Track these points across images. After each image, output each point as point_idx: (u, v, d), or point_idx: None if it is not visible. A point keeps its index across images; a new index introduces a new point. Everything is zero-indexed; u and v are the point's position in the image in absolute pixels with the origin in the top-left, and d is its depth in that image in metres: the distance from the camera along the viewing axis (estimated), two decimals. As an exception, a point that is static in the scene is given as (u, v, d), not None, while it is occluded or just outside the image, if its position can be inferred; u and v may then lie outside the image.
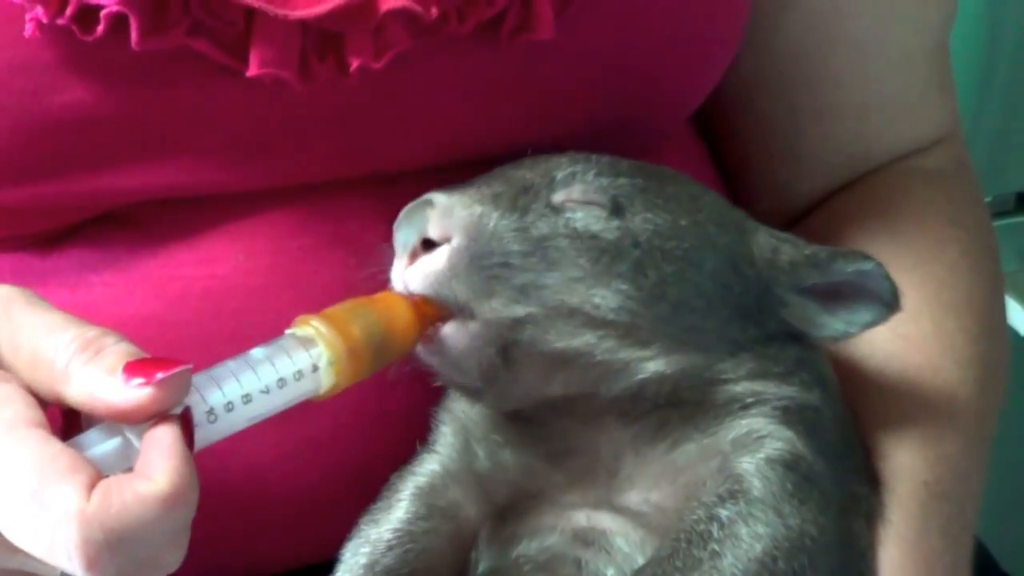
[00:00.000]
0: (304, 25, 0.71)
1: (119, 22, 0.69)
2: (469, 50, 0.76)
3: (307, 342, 0.66)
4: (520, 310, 0.69)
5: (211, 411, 0.62)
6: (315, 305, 0.69)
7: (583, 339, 0.69)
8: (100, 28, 0.69)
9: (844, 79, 0.93)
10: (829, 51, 0.92)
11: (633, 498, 0.73)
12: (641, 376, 0.71)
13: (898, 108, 0.95)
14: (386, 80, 0.74)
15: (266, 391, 0.64)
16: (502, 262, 0.69)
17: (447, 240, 0.70)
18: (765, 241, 0.75)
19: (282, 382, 0.64)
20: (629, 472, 0.73)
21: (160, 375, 0.59)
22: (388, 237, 0.74)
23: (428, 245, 0.70)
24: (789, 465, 0.71)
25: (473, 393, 0.74)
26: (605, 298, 0.69)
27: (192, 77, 0.73)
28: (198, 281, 0.77)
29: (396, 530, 0.75)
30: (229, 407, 0.62)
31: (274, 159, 0.77)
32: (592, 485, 0.74)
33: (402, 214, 0.72)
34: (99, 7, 0.69)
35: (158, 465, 0.59)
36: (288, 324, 0.67)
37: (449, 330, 0.69)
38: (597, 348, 0.70)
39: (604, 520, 0.74)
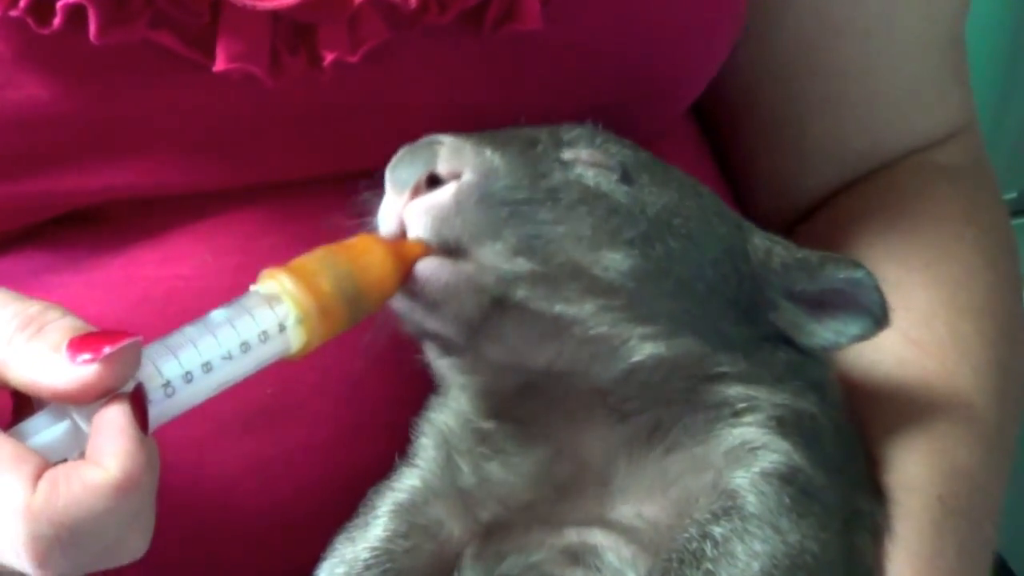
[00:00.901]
0: (274, 16, 0.71)
1: (77, 14, 0.69)
2: (451, 41, 0.75)
3: (272, 299, 0.64)
4: (522, 264, 0.68)
5: (167, 384, 0.60)
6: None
7: (584, 306, 0.69)
8: (57, 20, 0.69)
9: (851, 69, 0.92)
10: (835, 39, 0.91)
11: (625, 512, 0.73)
12: (637, 357, 0.70)
13: (909, 99, 0.94)
14: (362, 74, 0.73)
15: (228, 357, 0.62)
16: (514, 203, 0.68)
17: (456, 177, 0.69)
18: (759, 241, 0.75)
19: (245, 346, 0.62)
20: (621, 482, 0.73)
21: (108, 349, 0.58)
22: None
23: (432, 183, 0.69)
24: (786, 478, 0.71)
25: (448, 348, 0.72)
26: (614, 260, 0.69)
27: (156, 73, 0.72)
28: (162, 282, 0.77)
29: (374, 549, 0.75)
30: (188, 378, 0.61)
31: (244, 158, 0.76)
32: (582, 498, 0.73)
33: (402, 152, 0.71)
34: (55, -2, 0.69)
35: (108, 450, 0.58)
36: None
37: (432, 263, 0.68)
38: (596, 318, 0.69)
39: (595, 536, 0.73)
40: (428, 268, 0.68)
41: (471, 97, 0.78)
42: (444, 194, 0.68)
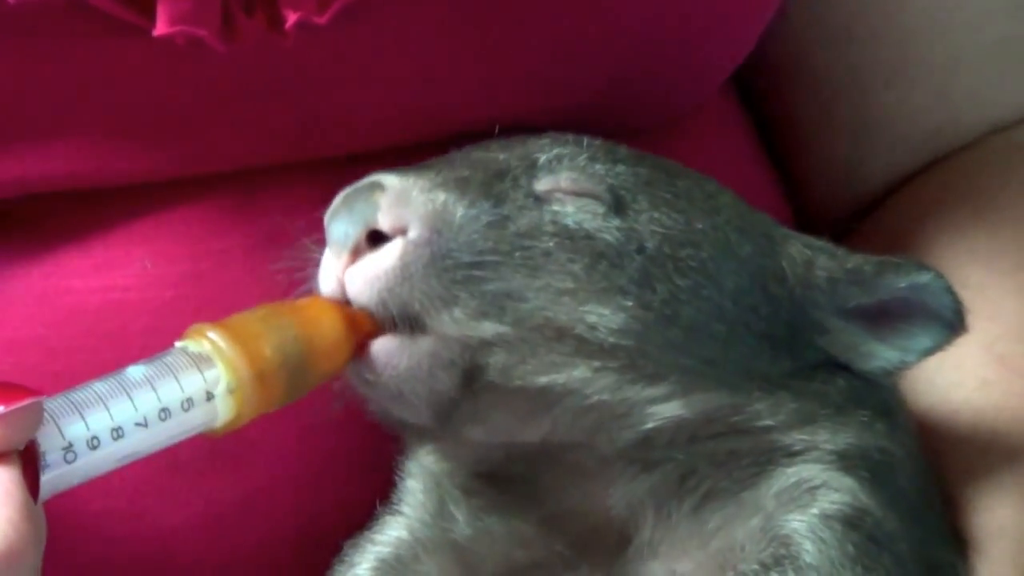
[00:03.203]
0: None
1: None
2: None
3: (201, 360, 0.64)
4: (490, 327, 0.67)
5: (69, 447, 0.60)
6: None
7: (573, 372, 0.68)
8: None
9: (923, 29, 0.92)
10: None
11: (655, 570, 0.72)
12: (651, 423, 0.69)
13: (992, 65, 0.93)
14: (331, 38, 0.73)
15: (143, 424, 0.62)
16: (472, 262, 0.67)
17: (401, 232, 0.68)
18: (797, 252, 0.74)
19: (165, 412, 0.62)
20: (648, 537, 0.72)
21: (2, 409, 0.58)
22: None
23: (375, 240, 0.68)
24: (850, 522, 0.70)
25: (421, 433, 0.72)
26: (603, 316, 0.68)
27: (85, 38, 0.72)
28: (94, 294, 0.76)
29: None
30: (93, 443, 0.61)
31: (191, 141, 0.76)
32: (602, 555, 0.72)
33: (339, 199, 0.70)
34: (-40, -49, 0.68)
35: None
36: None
37: (386, 344, 0.67)
38: (592, 385, 0.68)
39: None
40: (383, 350, 0.67)
41: (466, 66, 0.77)
42: (387, 257, 0.68)
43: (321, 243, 0.71)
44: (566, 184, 0.71)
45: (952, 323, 0.72)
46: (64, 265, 0.77)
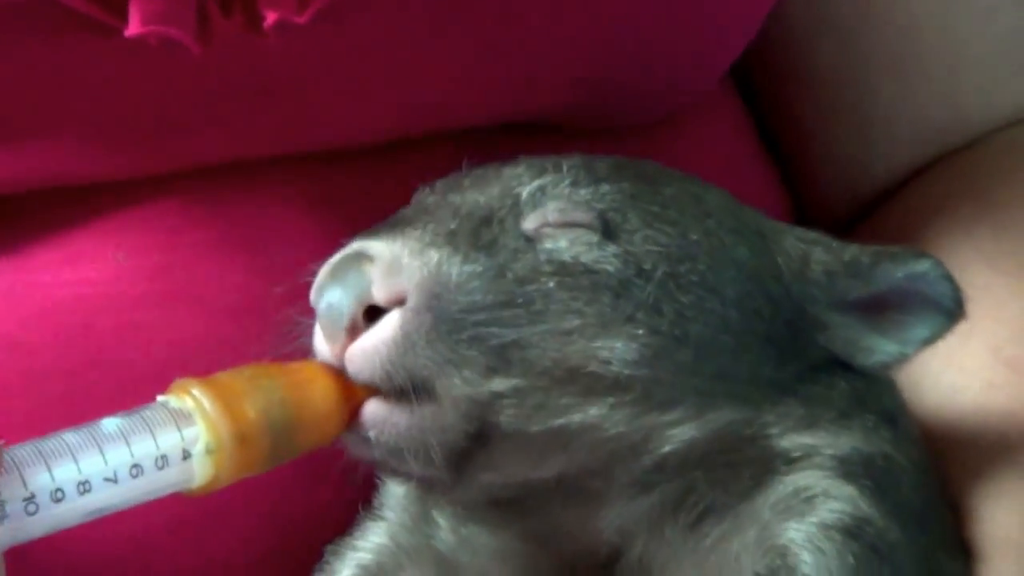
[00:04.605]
0: None
1: None
2: None
3: (181, 417, 0.62)
4: (500, 383, 0.66)
5: (31, 498, 0.59)
6: (219, 320, 0.67)
7: (588, 411, 0.67)
8: None
9: (929, 21, 0.91)
10: None
11: (647, 588, 0.71)
12: (666, 448, 0.69)
13: (1000, 60, 0.93)
14: (312, 38, 0.72)
15: (112, 479, 0.61)
16: (476, 320, 0.66)
17: (398, 303, 0.67)
18: (792, 247, 0.73)
19: (137, 469, 0.61)
20: (640, 553, 0.71)
21: None
22: (318, 230, 0.71)
23: (371, 313, 0.67)
24: (850, 532, 0.69)
25: (428, 483, 0.71)
26: (615, 350, 0.67)
27: (56, 38, 0.71)
28: (63, 289, 0.76)
29: None
30: (58, 496, 0.59)
31: (166, 140, 0.75)
32: (591, 573, 0.72)
33: (326, 272, 0.68)
34: (-77, -55, 0.67)
35: None
36: (184, 349, 0.65)
37: (381, 410, 0.66)
38: (608, 420, 0.68)
39: None
40: (376, 415, 0.66)
41: (443, 66, 0.76)
42: (386, 330, 0.66)
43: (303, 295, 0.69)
44: (553, 217, 0.70)
45: (951, 311, 0.72)
46: (34, 259, 0.76)
